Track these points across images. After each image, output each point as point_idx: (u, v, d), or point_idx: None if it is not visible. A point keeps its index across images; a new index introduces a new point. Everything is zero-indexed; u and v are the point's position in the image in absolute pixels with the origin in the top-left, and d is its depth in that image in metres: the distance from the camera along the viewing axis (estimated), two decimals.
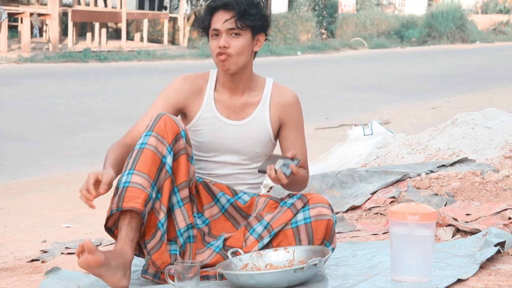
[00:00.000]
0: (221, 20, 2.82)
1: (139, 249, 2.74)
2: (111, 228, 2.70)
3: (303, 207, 2.78)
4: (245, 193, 2.91)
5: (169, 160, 2.68)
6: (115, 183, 2.68)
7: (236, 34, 2.81)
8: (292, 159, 2.72)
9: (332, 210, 2.80)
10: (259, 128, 2.90)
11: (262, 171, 2.75)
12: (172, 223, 2.72)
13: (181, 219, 2.72)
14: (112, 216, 2.66)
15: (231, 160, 2.91)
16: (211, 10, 2.85)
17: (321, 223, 2.75)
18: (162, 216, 2.66)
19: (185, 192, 2.73)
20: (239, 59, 2.83)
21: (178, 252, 2.72)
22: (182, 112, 2.91)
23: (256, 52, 2.91)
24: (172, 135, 2.69)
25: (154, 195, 2.64)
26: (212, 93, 2.90)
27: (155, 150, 2.65)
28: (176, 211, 2.72)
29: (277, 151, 2.96)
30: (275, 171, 2.69)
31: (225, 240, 2.82)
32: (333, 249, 2.80)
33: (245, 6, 2.81)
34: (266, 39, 2.93)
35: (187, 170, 2.73)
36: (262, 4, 2.88)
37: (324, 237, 2.76)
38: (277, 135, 2.95)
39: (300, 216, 2.78)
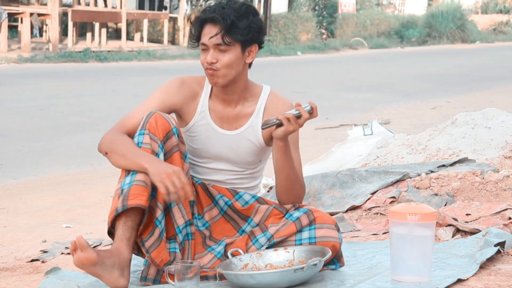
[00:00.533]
0: (208, 35, 2.73)
1: (140, 249, 2.74)
2: (111, 230, 2.68)
3: (309, 224, 2.75)
4: (246, 192, 2.89)
5: (161, 157, 2.67)
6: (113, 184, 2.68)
7: (224, 49, 2.73)
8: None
9: (339, 230, 2.78)
10: (252, 139, 2.86)
11: (268, 124, 2.69)
12: (171, 221, 2.72)
13: (179, 216, 2.72)
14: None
15: (225, 167, 2.89)
16: (201, 23, 2.77)
17: (327, 245, 2.73)
18: (159, 214, 2.65)
19: None
20: (228, 73, 2.75)
21: (178, 250, 2.71)
22: (177, 114, 2.88)
23: (250, 63, 2.82)
24: (163, 132, 2.68)
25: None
26: (206, 101, 2.86)
27: (150, 148, 2.65)
28: (174, 208, 2.72)
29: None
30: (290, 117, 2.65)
31: (227, 246, 2.80)
32: (341, 266, 2.80)
33: (233, 18, 2.70)
34: (261, 47, 2.83)
35: (182, 167, 2.72)
36: (252, 13, 2.76)
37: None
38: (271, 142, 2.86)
39: (305, 234, 2.75)
